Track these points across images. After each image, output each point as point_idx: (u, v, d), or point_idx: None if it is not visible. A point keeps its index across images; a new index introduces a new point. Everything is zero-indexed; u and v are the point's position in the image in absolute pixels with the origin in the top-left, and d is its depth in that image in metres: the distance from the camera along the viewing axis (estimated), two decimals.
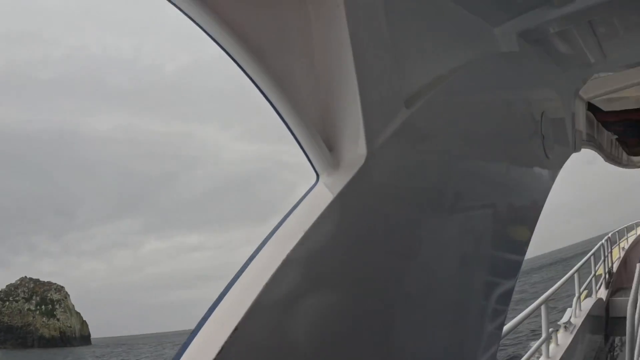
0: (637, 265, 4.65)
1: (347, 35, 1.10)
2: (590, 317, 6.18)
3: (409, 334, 1.42)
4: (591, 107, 4.57)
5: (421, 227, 1.43)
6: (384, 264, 1.25)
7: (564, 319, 5.23)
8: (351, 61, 1.10)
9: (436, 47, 1.58)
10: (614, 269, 8.84)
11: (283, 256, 0.94)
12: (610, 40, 2.98)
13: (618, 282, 8.21)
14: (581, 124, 4.41)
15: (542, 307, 4.13)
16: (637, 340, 4.10)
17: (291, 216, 1.05)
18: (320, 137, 1.11)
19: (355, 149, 1.11)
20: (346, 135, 1.13)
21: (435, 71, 1.50)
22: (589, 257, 6.85)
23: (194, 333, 0.91)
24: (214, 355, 0.84)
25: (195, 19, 0.95)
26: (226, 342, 0.84)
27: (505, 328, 3.32)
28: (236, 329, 0.84)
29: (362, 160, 1.09)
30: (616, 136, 6.03)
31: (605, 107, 4.69)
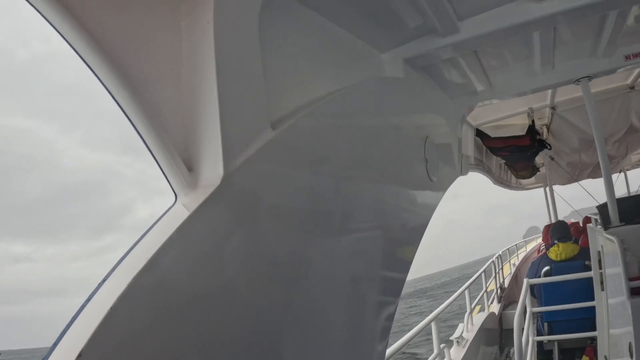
0: (525, 279, 4.96)
1: (212, 54, 1.10)
2: (484, 330, 6.47)
3: (291, 357, 1.41)
4: (480, 134, 4.90)
5: (301, 248, 1.43)
6: (257, 285, 1.23)
7: (456, 334, 5.44)
8: (214, 81, 1.10)
9: (315, 69, 1.60)
10: (506, 284, 9.42)
11: (129, 279, 0.91)
12: (496, 70, 3.18)
13: (510, 296, 8.67)
14: (469, 149, 4.70)
15: (432, 324, 4.27)
16: (525, 350, 4.38)
17: (144, 238, 1.01)
18: (179, 156, 1.10)
19: (214, 169, 1.10)
20: (205, 155, 1.12)
21: (311, 93, 1.51)
22: (480, 275, 7.21)
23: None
24: None
25: (39, 9, 0.90)
26: None
27: (394, 347, 3.39)
28: (80, 355, 0.82)
29: (219, 181, 1.09)
30: (504, 161, 6.50)
31: (493, 134, 5.04)
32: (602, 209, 3.15)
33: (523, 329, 4.13)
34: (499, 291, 8.73)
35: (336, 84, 1.70)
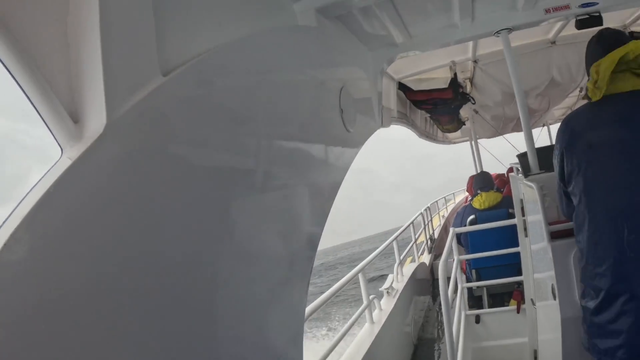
0: (450, 229, 5.06)
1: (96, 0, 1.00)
2: (415, 280, 6.64)
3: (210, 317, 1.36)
4: (402, 87, 4.89)
5: (206, 204, 1.35)
6: (150, 238, 1.14)
7: (386, 285, 5.51)
8: (97, 27, 0.99)
9: (218, 15, 1.48)
10: (436, 235, 9.73)
11: (5, 239, 0.83)
12: (416, 22, 3.13)
13: (441, 247, 8.92)
14: (392, 102, 4.69)
15: (360, 276, 4.28)
16: (453, 297, 4.51)
17: (26, 196, 0.92)
18: (65, 109, 1.01)
19: (98, 118, 1.01)
20: (90, 105, 1.03)
21: (213, 40, 1.40)
22: (408, 226, 7.35)
23: None
24: None
25: None
26: None
27: (318, 301, 3.36)
28: None
29: (102, 130, 1.00)
30: (429, 114, 6.57)
31: (416, 87, 5.04)
32: (522, 157, 3.22)
33: (450, 277, 4.26)
34: (429, 242, 9.00)
35: (242, 32, 1.59)
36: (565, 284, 2.40)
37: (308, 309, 2.91)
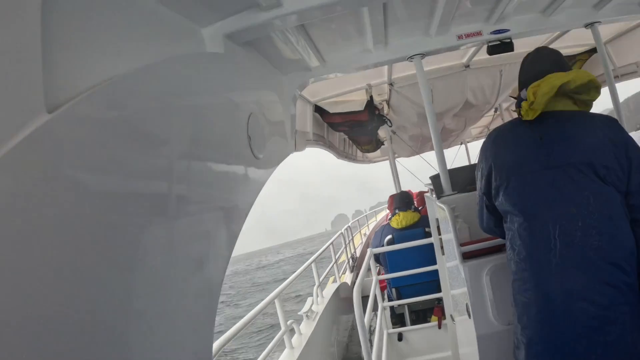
0: (368, 249, 5.11)
1: None
2: (337, 300, 6.61)
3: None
4: (319, 110, 4.91)
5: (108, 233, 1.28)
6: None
7: (305, 308, 5.44)
8: None
9: (118, 46, 1.41)
10: (358, 254, 9.80)
11: None
12: (329, 46, 3.16)
13: (362, 266, 8.96)
14: (308, 125, 4.71)
15: (276, 302, 4.20)
16: (371, 316, 4.52)
17: None
18: None
19: None
20: None
21: (108, 71, 1.33)
22: (328, 247, 7.35)
23: None
24: None
25: None
26: None
27: (230, 332, 3.25)
28: None
29: None
30: (347, 136, 6.65)
31: (333, 110, 5.09)
32: (435, 179, 3.31)
33: (373, 296, 4.27)
34: (350, 261, 9.06)
35: (146, 59, 1.52)
36: (478, 303, 2.45)
37: (218, 343, 2.81)
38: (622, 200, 1.89)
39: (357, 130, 5.58)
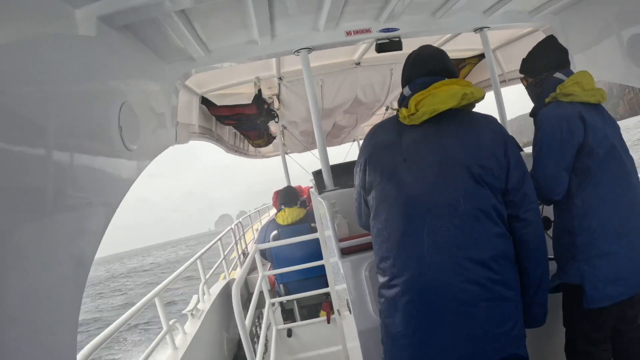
0: (254, 245, 5.03)
1: None
2: (226, 297, 6.44)
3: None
4: (206, 101, 4.76)
5: None
6: None
7: (189, 307, 5.24)
8: None
9: None
10: (249, 250, 9.67)
11: None
12: (214, 36, 3.07)
13: (254, 262, 8.87)
14: (193, 117, 4.55)
15: (156, 300, 4.00)
16: (261, 313, 4.44)
17: None
18: None
19: None
20: None
21: None
22: (216, 243, 7.16)
23: None
24: None
25: None
26: None
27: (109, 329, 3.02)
28: None
29: None
30: (236, 129, 6.52)
31: (221, 102, 4.96)
32: (317, 175, 3.31)
33: (262, 292, 4.20)
34: (242, 257, 8.92)
35: (5, 39, 1.39)
36: (358, 298, 2.47)
37: (87, 349, 2.60)
38: (499, 199, 1.93)
39: (245, 124, 5.48)
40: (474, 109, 2.10)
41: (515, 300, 1.91)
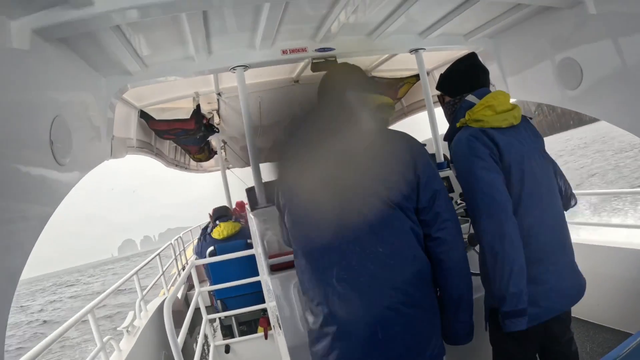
0: (189, 261, 4.98)
1: None
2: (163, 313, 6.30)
3: None
4: (144, 115, 4.71)
5: None
6: None
7: (125, 323, 5.10)
8: None
9: None
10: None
11: None
12: (151, 51, 3.07)
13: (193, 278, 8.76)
14: (132, 131, 4.50)
15: (89, 316, 3.89)
16: (198, 329, 4.38)
17: None
18: None
19: None
20: None
21: None
22: (154, 258, 7.02)
23: None
24: None
25: None
26: None
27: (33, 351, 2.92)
28: None
29: None
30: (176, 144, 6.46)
31: (160, 116, 4.92)
32: (249, 191, 3.33)
33: (199, 308, 4.14)
34: (181, 272, 8.77)
35: None
36: (288, 315, 2.49)
37: None
38: (413, 219, 1.90)
39: (184, 139, 5.45)
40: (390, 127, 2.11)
41: (429, 320, 1.91)
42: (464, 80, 2.44)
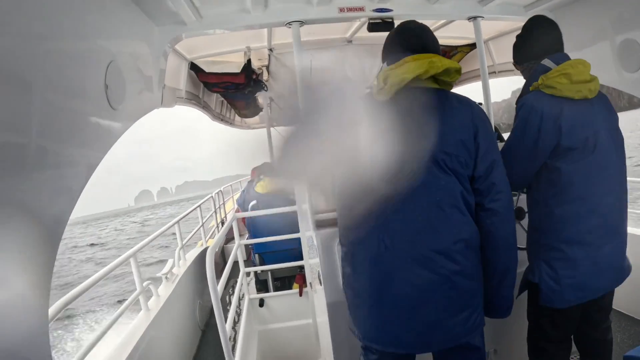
0: (232, 214, 5.05)
1: None
2: (201, 264, 6.48)
3: None
4: (194, 67, 4.73)
5: None
6: None
7: (164, 270, 5.28)
8: None
9: None
10: (227, 219, 9.71)
11: None
12: (207, 2, 3.06)
13: (232, 231, 8.95)
14: (181, 82, 4.53)
15: (132, 261, 4.04)
16: (234, 282, 4.48)
17: None
18: None
19: None
20: None
21: None
22: (195, 209, 7.18)
23: None
24: None
25: None
26: None
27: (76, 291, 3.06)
28: None
29: None
30: (223, 98, 6.49)
31: (210, 69, 4.92)
32: None
33: (236, 262, 4.23)
34: (220, 226, 8.97)
35: None
36: (329, 271, 2.53)
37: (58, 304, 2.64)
38: (466, 187, 1.88)
39: (232, 93, 5.46)
40: (453, 90, 2.05)
41: (474, 290, 1.90)
42: (536, 46, 2.35)
